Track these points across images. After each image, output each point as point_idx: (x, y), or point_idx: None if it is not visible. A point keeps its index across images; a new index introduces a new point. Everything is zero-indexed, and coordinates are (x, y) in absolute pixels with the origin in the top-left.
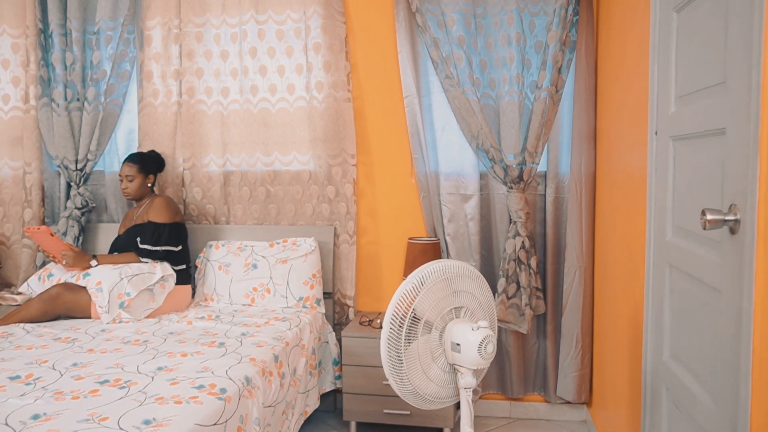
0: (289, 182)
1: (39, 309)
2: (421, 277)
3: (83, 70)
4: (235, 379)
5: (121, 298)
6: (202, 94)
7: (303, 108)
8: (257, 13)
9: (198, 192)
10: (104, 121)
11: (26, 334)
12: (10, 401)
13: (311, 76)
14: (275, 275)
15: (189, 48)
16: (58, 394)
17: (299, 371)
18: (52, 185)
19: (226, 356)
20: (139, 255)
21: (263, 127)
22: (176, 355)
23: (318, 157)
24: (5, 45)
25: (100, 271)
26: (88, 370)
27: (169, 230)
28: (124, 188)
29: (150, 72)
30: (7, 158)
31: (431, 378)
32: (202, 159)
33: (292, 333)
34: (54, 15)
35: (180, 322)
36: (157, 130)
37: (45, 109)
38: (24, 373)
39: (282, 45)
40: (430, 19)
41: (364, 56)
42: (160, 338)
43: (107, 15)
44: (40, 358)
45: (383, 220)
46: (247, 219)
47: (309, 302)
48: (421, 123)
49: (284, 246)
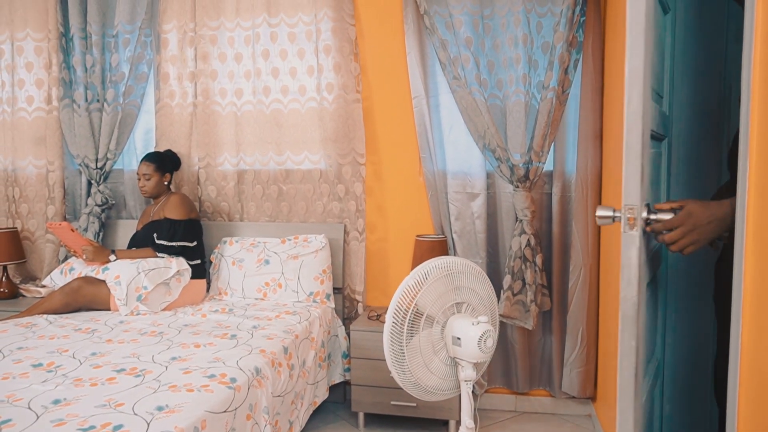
0: (300, 181)
1: (61, 301)
2: (423, 273)
3: (103, 72)
4: (245, 369)
5: (139, 291)
6: (216, 96)
7: (314, 108)
8: (270, 16)
9: (213, 190)
10: (123, 122)
11: (49, 324)
12: (33, 387)
13: (322, 78)
14: (287, 271)
15: (204, 50)
16: (77, 381)
17: (308, 363)
18: (73, 183)
19: (238, 348)
20: (156, 250)
21: (275, 127)
22: (190, 346)
23: (328, 156)
24: (29, 48)
25: (118, 266)
26: (106, 359)
27: (185, 226)
28: (142, 186)
29: (167, 74)
30: (32, 157)
31: (433, 370)
32: (216, 158)
33: (301, 326)
34: (75, 19)
35: (195, 315)
36: (174, 130)
37: (66, 110)
38: (46, 361)
39: (294, 47)
40: (438, 21)
41: (373, 58)
42: (175, 330)
43: (125, 19)
44: (61, 347)
45: (392, 218)
46: (260, 216)
47: (319, 297)
48: (429, 123)
49: (295, 242)
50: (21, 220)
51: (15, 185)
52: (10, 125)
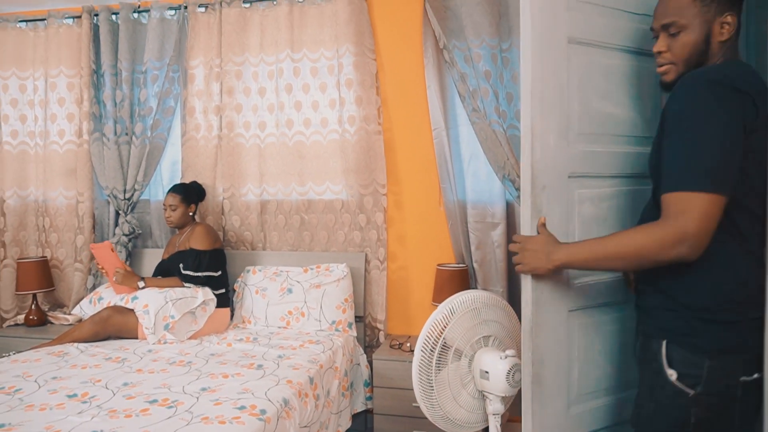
0: (322, 211)
1: (91, 330)
2: (451, 308)
3: (131, 106)
4: (274, 400)
5: (166, 320)
6: (240, 128)
7: (336, 140)
8: (293, 51)
9: (236, 220)
10: (150, 154)
11: (80, 353)
12: (70, 418)
13: (344, 110)
14: (309, 299)
15: (229, 85)
16: (112, 413)
17: (332, 393)
18: (101, 213)
19: (265, 378)
20: (182, 280)
21: (298, 159)
22: (218, 376)
23: (350, 186)
24: (61, 84)
25: (146, 295)
26: (137, 389)
27: (210, 256)
28: (168, 217)
29: (193, 108)
30: (62, 188)
31: (461, 404)
32: (240, 189)
33: (325, 356)
34: (106, 57)
35: (220, 344)
36: (199, 162)
37: (96, 143)
38: (80, 391)
39: (316, 81)
40: (457, 55)
41: (394, 91)
42: (202, 359)
43: (154, 56)
44: (93, 377)
45: (412, 247)
46: (283, 245)
47: (341, 325)
48: (448, 154)
49: (318, 271)
50: (50, 249)
51: (45, 215)
52: (42, 158)
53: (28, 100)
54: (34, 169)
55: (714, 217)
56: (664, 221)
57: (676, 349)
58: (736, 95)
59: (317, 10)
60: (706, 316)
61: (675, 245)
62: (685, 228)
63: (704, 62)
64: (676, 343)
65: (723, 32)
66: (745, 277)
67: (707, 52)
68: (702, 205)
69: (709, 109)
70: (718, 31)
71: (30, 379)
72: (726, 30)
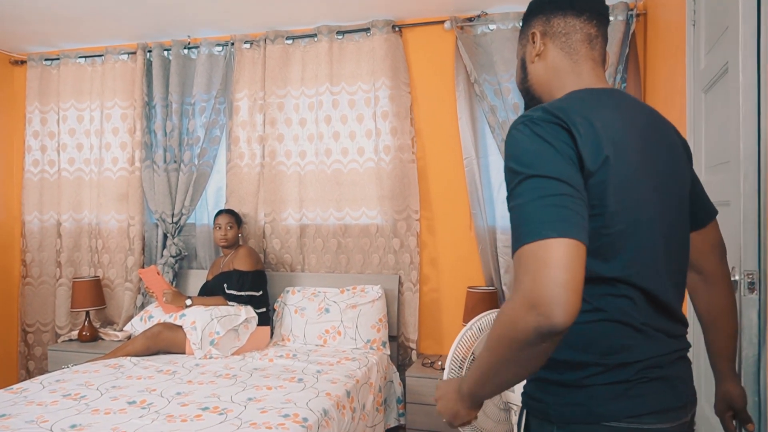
0: (358, 235)
1: (143, 345)
2: (479, 326)
3: (180, 136)
4: (315, 410)
5: (212, 336)
6: (282, 157)
7: (372, 168)
8: (332, 85)
9: (277, 243)
10: (197, 181)
11: (133, 366)
12: (132, 421)
13: (379, 140)
14: (345, 319)
15: (272, 116)
16: (169, 417)
17: (367, 407)
18: (150, 236)
19: (305, 390)
20: (227, 299)
21: (336, 186)
22: (262, 388)
23: (385, 212)
24: (116, 116)
25: (193, 312)
26: (190, 398)
27: (252, 277)
28: (224, 235)
29: (237, 137)
30: (114, 212)
31: (488, 414)
32: (281, 213)
33: (361, 372)
34: (158, 90)
35: (262, 360)
36: (243, 188)
37: (147, 170)
38: (138, 399)
39: (353, 113)
40: (487, 89)
41: (427, 121)
42: (246, 373)
43: (203, 89)
44: (149, 387)
45: (444, 270)
46: (320, 267)
47: (376, 344)
48: (479, 181)
49: (353, 293)
50: (102, 269)
51: (98, 237)
52: (96, 183)
53: (85, 130)
54: (88, 194)
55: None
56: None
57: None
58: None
59: (355, 46)
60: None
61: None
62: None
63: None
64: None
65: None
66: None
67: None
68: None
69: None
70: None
71: (92, 387)
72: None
